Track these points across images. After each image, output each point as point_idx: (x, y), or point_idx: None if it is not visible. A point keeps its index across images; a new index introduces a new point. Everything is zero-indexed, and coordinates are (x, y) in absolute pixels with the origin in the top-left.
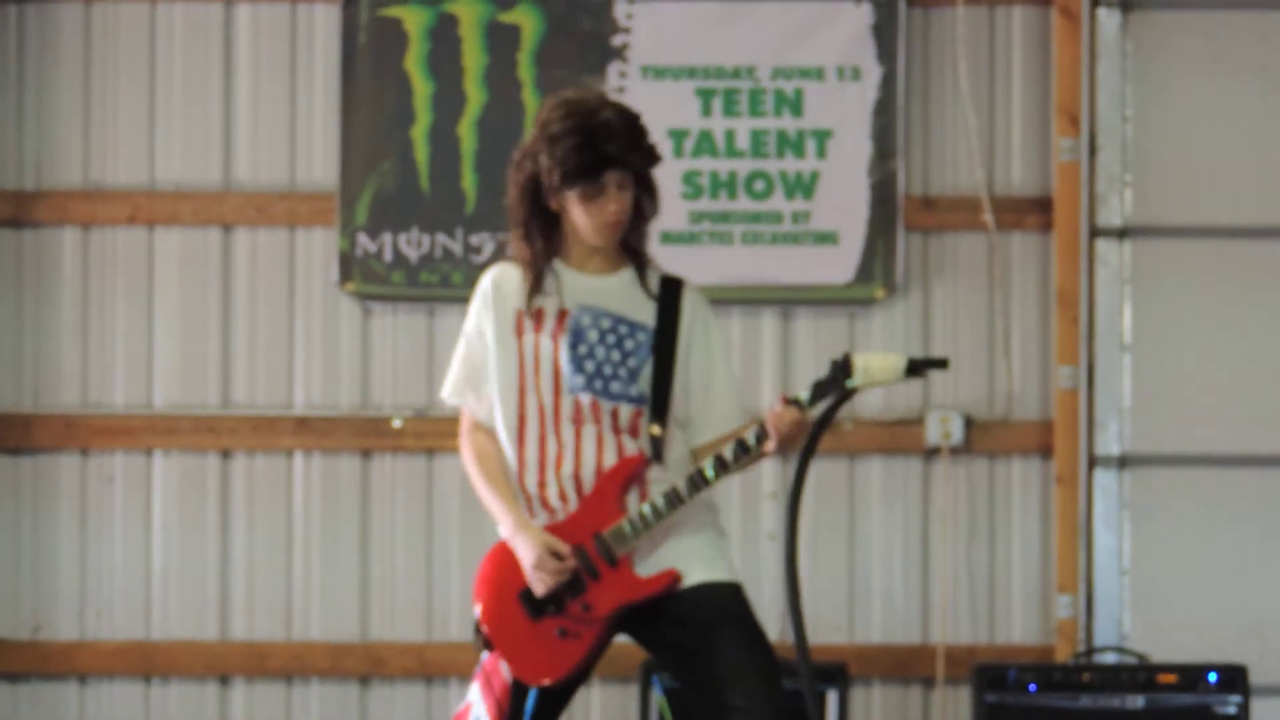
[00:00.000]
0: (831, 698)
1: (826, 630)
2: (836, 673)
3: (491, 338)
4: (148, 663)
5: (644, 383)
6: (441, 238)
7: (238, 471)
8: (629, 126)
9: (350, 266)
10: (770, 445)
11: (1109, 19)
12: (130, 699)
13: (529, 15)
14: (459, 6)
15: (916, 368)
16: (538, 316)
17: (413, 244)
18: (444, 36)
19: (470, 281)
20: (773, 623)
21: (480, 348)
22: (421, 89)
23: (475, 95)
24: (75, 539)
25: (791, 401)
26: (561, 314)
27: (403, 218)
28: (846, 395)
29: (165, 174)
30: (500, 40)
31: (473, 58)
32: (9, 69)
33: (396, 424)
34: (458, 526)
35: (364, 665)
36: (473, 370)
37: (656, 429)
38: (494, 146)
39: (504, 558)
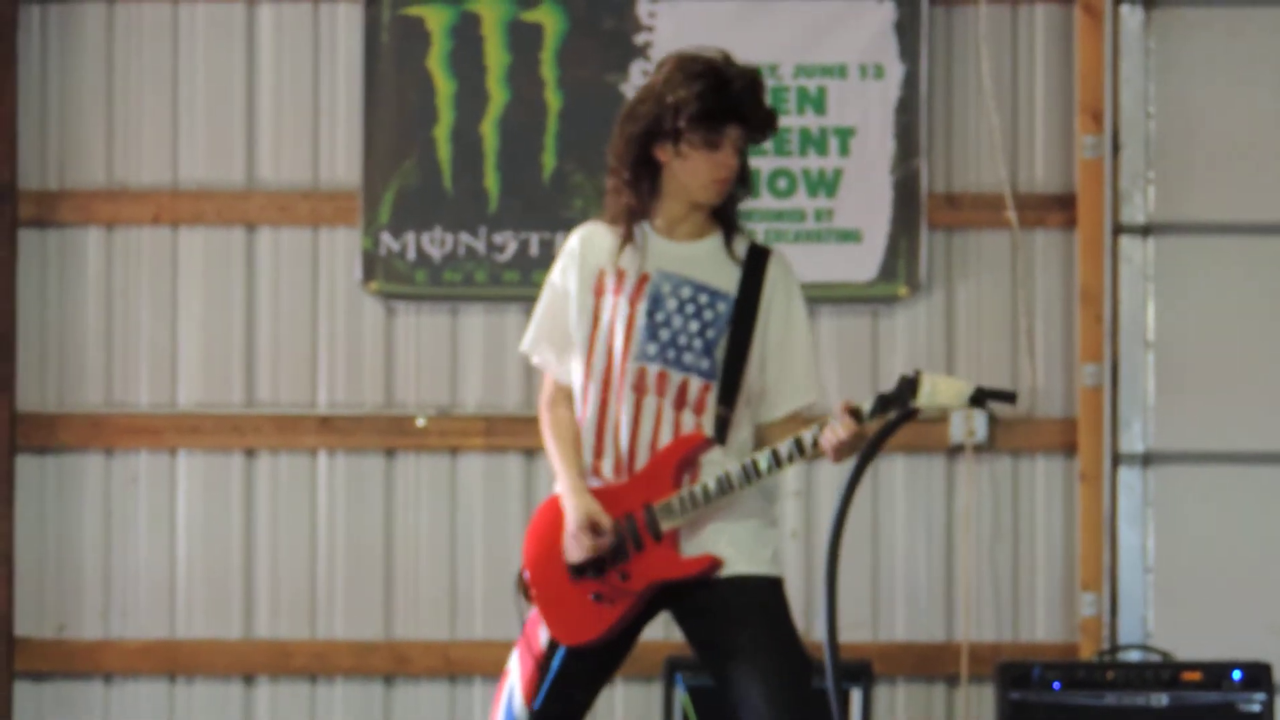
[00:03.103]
0: (856, 696)
1: (851, 628)
2: (861, 671)
3: (574, 294)
4: (172, 662)
5: (719, 356)
6: (464, 237)
7: (262, 471)
8: (758, 87)
9: (373, 266)
10: (828, 457)
11: (1132, 15)
12: (155, 698)
13: (551, 14)
14: (481, 5)
15: (982, 397)
16: (619, 278)
17: (436, 243)
18: (466, 35)
19: (493, 280)
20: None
21: (564, 302)
22: (444, 88)
23: (498, 94)
24: (100, 538)
25: (853, 412)
26: (642, 278)
27: (426, 217)
28: (909, 414)
29: (189, 174)
30: (522, 39)
31: (495, 57)
32: (33, 69)
33: (420, 423)
34: (481, 525)
35: (388, 664)
36: (553, 325)
37: (722, 409)
38: (516, 146)
39: (557, 511)
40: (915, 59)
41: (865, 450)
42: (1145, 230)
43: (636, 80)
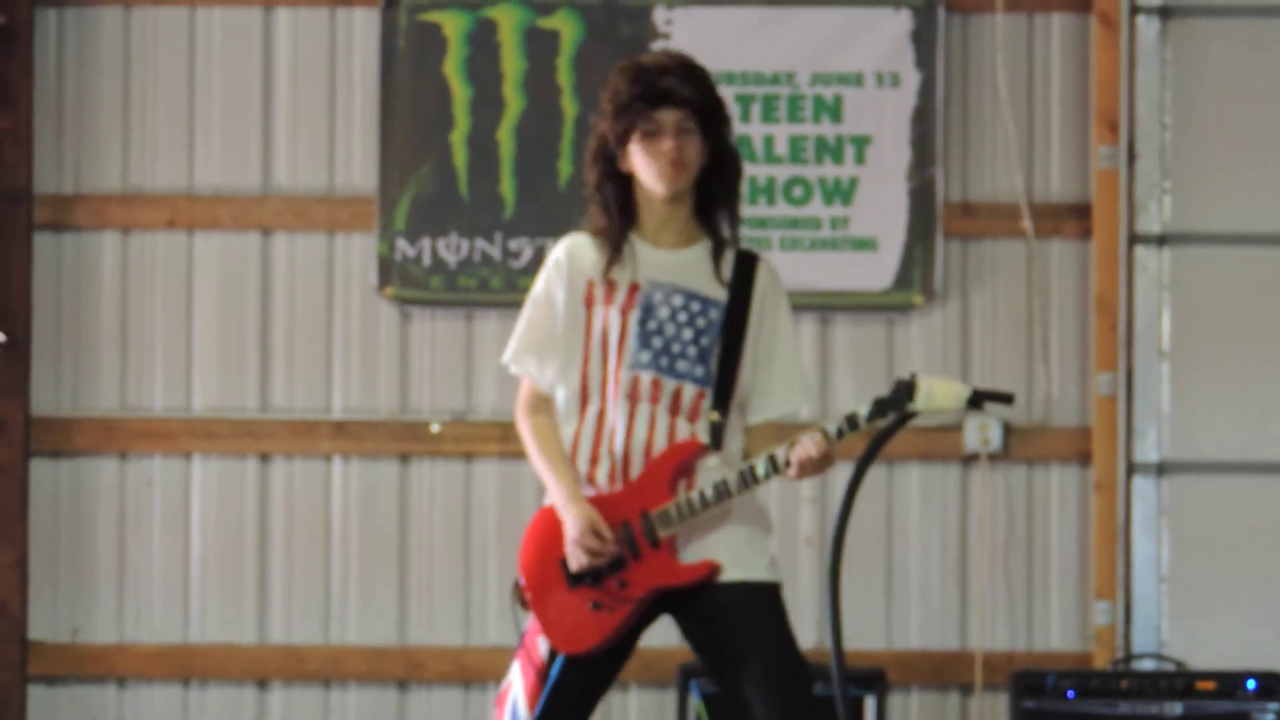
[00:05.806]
0: (869, 703)
1: (864, 636)
2: (874, 678)
3: (561, 305)
4: (186, 666)
5: (712, 363)
6: (480, 243)
7: (276, 475)
8: (684, 65)
9: (389, 271)
10: (791, 472)
11: (1148, 26)
12: (168, 702)
13: (568, 21)
14: (498, 11)
15: (979, 399)
16: (609, 288)
17: (451, 249)
18: (483, 41)
19: (509, 286)
20: (807, 628)
21: (550, 313)
22: (460, 94)
23: (514, 100)
24: (114, 542)
25: (821, 431)
26: (633, 288)
27: (441, 222)
28: (907, 417)
29: (204, 178)
30: (539, 45)
31: (512, 63)
32: (49, 73)
33: (435, 429)
34: (495, 530)
35: (402, 669)
36: (537, 336)
37: (716, 415)
38: (532, 152)
39: (552, 520)
40: (931, 68)
41: (864, 455)
42: (1160, 240)
43: None
